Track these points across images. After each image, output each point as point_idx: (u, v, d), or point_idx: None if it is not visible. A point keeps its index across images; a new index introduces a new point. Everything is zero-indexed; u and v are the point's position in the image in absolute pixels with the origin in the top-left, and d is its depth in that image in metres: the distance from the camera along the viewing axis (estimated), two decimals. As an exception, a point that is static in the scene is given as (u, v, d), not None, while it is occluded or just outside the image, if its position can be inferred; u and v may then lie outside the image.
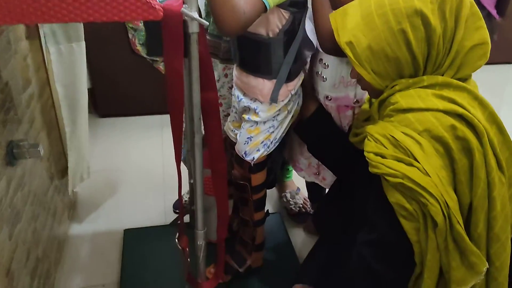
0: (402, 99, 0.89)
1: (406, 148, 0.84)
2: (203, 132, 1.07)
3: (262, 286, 1.51)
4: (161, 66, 2.38)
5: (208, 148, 1.08)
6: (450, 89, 0.88)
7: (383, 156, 0.86)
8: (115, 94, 2.51)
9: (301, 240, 1.74)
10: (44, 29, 1.42)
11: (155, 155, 2.21)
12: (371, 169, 0.88)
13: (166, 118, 1.05)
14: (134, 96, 2.53)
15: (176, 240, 1.19)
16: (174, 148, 1.07)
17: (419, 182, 0.80)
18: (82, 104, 1.64)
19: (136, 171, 2.10)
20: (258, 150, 1.28)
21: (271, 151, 1.31)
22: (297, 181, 1.94)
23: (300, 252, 1.64)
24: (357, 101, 1.23)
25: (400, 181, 0.82)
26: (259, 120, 1.23)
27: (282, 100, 1.21)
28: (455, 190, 0.84)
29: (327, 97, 1.27)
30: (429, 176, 0.81)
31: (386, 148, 0.87)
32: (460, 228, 0.80)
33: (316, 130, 1.33)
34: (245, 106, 1.26)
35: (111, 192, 1.96)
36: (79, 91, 1.60)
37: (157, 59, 2.36)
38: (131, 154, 2.24)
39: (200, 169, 1.08)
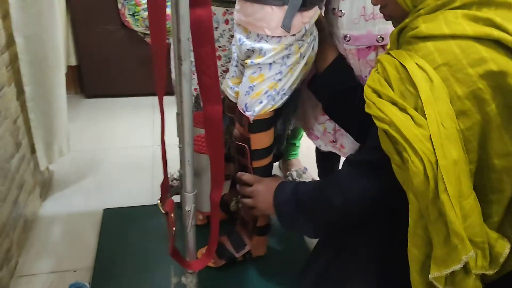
0: (424, 24, 0.70)
1: (413, 83, 0.66)
2: (193, 60, 0.84)
3: (261, 279, 1.26)
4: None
5: (199, 82, 0.86)
6: (491, 8, 0.67)
7: (379, 95, 0.70)
8: (103, 73, 2.30)
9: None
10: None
11: (144, 137, 1.99)
12: (365, 108, 0.72)
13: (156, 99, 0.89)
14: (124, 76, 2.32)
15: (158, 202, 0.95)
16: (156, 83, 0.85)
17: (404, 133, 0.64)
18: (53, 62, 1.41)
19: (123, 152, 1.88)
20: (261, 102, 1.05)
21: (277, 105, 1.07)
22: (304, 161, 1.73)
23: (311, 242, 1.40)
24: (381, 38, 1.01)
25: (386, 128, 0.67)
26: (263, 61, 1.02)
27: (294, 35, 0.99)
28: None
29: (345, 37, 1.05)
30: (422, 127, 0.63)
31: (389, 82, 0.69)
32: (446, 198, 0.59)
33: (333, 85, 1.11)
34: (248, 50, 1.05)
35: (93, 172, 1.73)
36: (47, 46, 1.37)
37: (149, 32, 2.15)
38: (118, 135, 2.02)
39: (189, 107, 0.86)
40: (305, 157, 1.75)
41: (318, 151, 1.51)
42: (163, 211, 0.95)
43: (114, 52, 2.25)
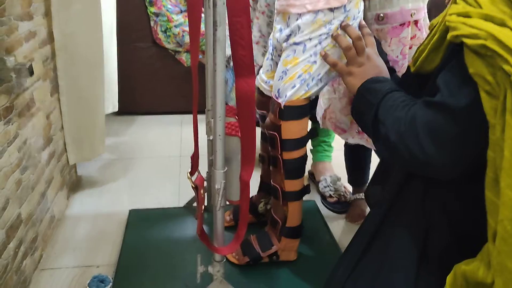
0: None
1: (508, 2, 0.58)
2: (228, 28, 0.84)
3: (288, 283, 1.17)
4: (183, 57, 2.22)
5: (232, 54, 0.85)
6: None
7: (467, 16, 0.62)
8: (133, 90, 2.34)
9: (342, 231, 1.43)
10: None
11: (172, 148, 1.98)
12: (449, 35, 0.64)
13: (186, 117, 0.87)
14: (153, 93, 2.35)
15: (188, 174, 0.92)
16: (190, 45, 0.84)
17: (507, 43, 0.55)
18: (91, 60, 1.44)
19: (151, 161, 1.87)
20: (294, 86, 1.02)
21: (312, 92, 1.03)
22: (337, 170, 1.68)
23: (344, 246, 1.32)
24: (414, 12, 1.00)
25: (483, 42, 0.58)
26: (298, 40, 0.98)
27: (332, 10, 0.94)
28: None
29: (378, 17, 1.03)
30: None
31: (478, 6, 0.61)
32: None
33: None
34: (287, 36, 1.01)
35: (121, 178, 1.73)
36: (86, 45, 1.41)
37: (180, 49, 2.19)
38: (147, 146, 2.02)
39: (222, 75, 0.85)
40: (337, 166, 1.70)
41: (346, 146, 1.47)
42: (192, 185, 0.91)
43: (144, 70, 2.30)
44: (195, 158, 0.92)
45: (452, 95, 0.63)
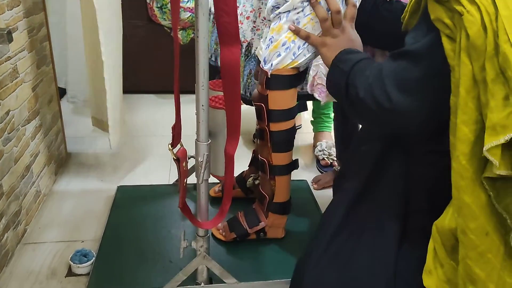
0: None
1: None
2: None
3: (274, 259, 1.15)
4: (179, 35, 2.17)
5: (217, 22, 0.81)
6: None
7: None
8: (129, 68, 2.29)
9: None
10: None
11: (165, 128, 1.94)
12: None
13: (182, 96, 0.88)
14: (149, 72, 2.31)
15: (169, 146, 0.89)
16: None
17: None
18: (93, 41, 1.37)
19: (143, 140, 1.84)
20: (279, 54, 0.98)
21: (299, 62, 0.98)
22: None
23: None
24: None
25: None
26: (283, 9, 0.95)
27: None
28: None
29: None
30: None
31: None
32: (508, 48, 0.51)
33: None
34: (273, 7, 0.99)
35: (111, 156, 1.69)
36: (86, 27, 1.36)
37: (176, 26, 2.15)
38: (140, 126, 1.99)
39: (205, 42, 0.81)
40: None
41: (336, 121, 1.47)
42: (174, 157, 0.88)
43: (140, 47, 2.26)
44: (176, 129, 0.88)
45: (415, 43, 0.64)
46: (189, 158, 1.33)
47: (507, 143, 0.49)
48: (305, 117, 2.00)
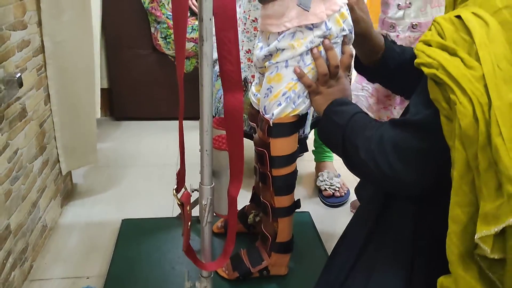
0: None
1: (468, 30, 0.61)
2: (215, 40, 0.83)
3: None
4: (183, 64, 2.21)
5: (220, 68, 0.84)
6: None
7: (429, 44, 0.66)
8: (133, 96, 2.34)
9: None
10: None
11: (169, 156, 1.97)
12: (415, 61, 0.67)
13: (185, 123, 0.90)
14: (153, 99, 2.35)
15: (173, 191, 0.91)
16: (176, 62, 0.83)
17: (452, 73, 0.59)
18: (82, 69, 1.44)
19: (147, 169, 1.86)
20: (279, 104, 1.00)
21: (300, 110, 1.00)
22: (338, 168, 1.72)
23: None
24: None
25: (434, 71, 0.62)
26: (280, 59, 0.97)
27: (312, 29, 0.93)
28: None
29: (413, 26, 1.15)
30: (472, 68, 0.58)
31: (441, 34, 0.64)
32: (500, 142, 0.52)
33: (394, 61, 1.02)
34: (265, 56, 1.01)
35: (116, 186, 1.71)
36: (77, 53, 1.40)
37: (179, 56, 2.19)
38: (144, 154, 2.01)
39: (209, 90, 0.83)
40: (339, 164, 1.69)
41: None
42: (178, 202, 0.90)
43: (144, 76, 2.30)
44: (181, 175, 0.91)
45: (417, 114, 0.67)
46: (192, 192, 1.35)
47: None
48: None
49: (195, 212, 0.99)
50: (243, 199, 1.30)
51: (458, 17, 0.63)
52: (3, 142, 1.06)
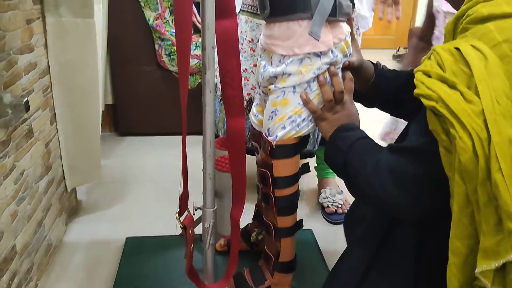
0: (483, 8, 0.66)
1: (467, 62, 0.61)
2: (217, 67, 0.85)
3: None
4: (187, 80, 2.23)
5: (223, 94, 0.86)
6: None
7: (428, 75, 0.66)
8: (137, 112, 2.36)
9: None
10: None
11: (174, 172, 1.99)
12: (414, 91, 0.68)
13: (190, 138, 0.93)
14: (157, 115, 2.37)
15: (176, 214, 0.92)
16: (181, 98, 0.85)
17: (452, 107, 0.59)
18: (87, 88, 1.46)
19: (151, 185, 1.88)
20: (284, 127, 1.01)
21: (303, 132, 1.02)
22: (341, 185, 1.71)
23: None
24: None
25: (434, 104, 0.62)
26: (287, 85, 0.98)
27: (319, 56, 0.95)
28: None
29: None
30: (471, 102, 0.58)
31: (441, 65, 0.65)
32: (499, 177, 0.53)
33: (388, 87, 1.05)
34: (270, 77, 1.02)
35: (121, 203, 1.73)
36: (82, 73, 1.43)
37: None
38: (148, 169, 2.03)
39: (211, 116, 0.85)
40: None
41: None
42: (181, 225, 0.91)
43: (149, 92, 2.32)
44: (184, 199, 0.92)
45: (415, 141, 0.69)
46: (195, 210, 1.37)
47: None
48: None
49: (199, 229, 1.00)
50: (246, 216, 1.31)
51: (458, 49, 0.64)
52: (10, 164, 1.08)
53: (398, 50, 4.55)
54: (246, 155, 0.97)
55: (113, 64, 2.26)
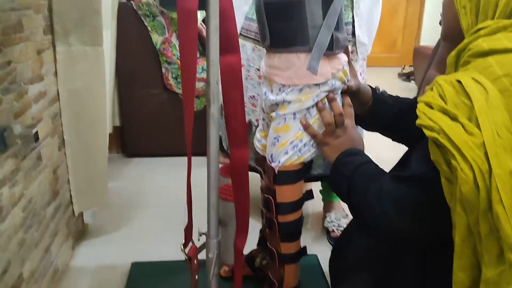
0: (484, 43, 0.68)
1: (468, 95, 0.63)
2: (221, 101, 0.87)
3: None
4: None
5: (226, 126, 0.88)
6: None
7: (430, 106, 0.68)
8: (144, 133, 2.39)
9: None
10: (56, 27, 1.32)
11: (180, 196, 1.99)
12: (417, 121, 0.69)
13: (197, 159, 0.93)
14: (164, 136, 2.40)
15: (181, 246, 0.94)
16: (186, 131, 0.87)
17: (454, 139, 0.60)
18: (94, 115, 1.49)
19: (157, 210, 1.89)
20: (286, 152, 1.03)
21: (305, 158, 1.05)
22: (347, 209, 1.70)
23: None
24: None
25: (436, 135, 0.64)
26: (288, 112, 1.01)
27: (318, 85, 0.98)
28: None
29: None
30: (473, 135, 0.60)
31: (443, 97, 0.66)
32: (500, 209, 0.54)
33: (387, 111, 1.08)
34: (272, 104, 1.05)
35: (127, 227, 1.74)
36: (90, 100, 1.46)
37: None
38: (155, 193, 2.04)
39: (215, 148, 0.87)
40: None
41: None
42: (186, 256, 0.92)
43: (155, 114, 2.36)
44: (188, 230, 0.94)
45: (416, 170, 0.70)
46: (200, 235, 1.37)
47: None
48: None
49: (203, 254, 1.01)
50: (251, 242, 1.31)
51: (459, 81, 0.66)
52: (19, 193, 1.10)
53: (403, 68, 4.57)
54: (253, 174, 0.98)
55: (120, 86, 2.30)
